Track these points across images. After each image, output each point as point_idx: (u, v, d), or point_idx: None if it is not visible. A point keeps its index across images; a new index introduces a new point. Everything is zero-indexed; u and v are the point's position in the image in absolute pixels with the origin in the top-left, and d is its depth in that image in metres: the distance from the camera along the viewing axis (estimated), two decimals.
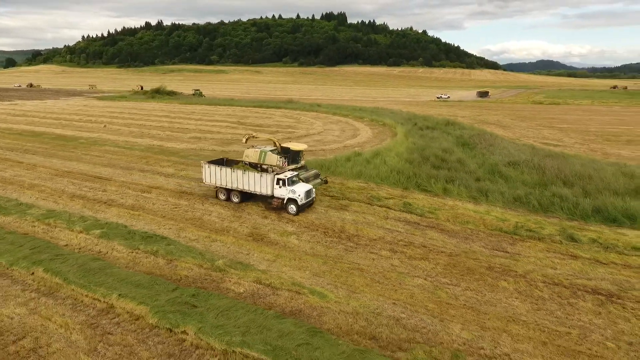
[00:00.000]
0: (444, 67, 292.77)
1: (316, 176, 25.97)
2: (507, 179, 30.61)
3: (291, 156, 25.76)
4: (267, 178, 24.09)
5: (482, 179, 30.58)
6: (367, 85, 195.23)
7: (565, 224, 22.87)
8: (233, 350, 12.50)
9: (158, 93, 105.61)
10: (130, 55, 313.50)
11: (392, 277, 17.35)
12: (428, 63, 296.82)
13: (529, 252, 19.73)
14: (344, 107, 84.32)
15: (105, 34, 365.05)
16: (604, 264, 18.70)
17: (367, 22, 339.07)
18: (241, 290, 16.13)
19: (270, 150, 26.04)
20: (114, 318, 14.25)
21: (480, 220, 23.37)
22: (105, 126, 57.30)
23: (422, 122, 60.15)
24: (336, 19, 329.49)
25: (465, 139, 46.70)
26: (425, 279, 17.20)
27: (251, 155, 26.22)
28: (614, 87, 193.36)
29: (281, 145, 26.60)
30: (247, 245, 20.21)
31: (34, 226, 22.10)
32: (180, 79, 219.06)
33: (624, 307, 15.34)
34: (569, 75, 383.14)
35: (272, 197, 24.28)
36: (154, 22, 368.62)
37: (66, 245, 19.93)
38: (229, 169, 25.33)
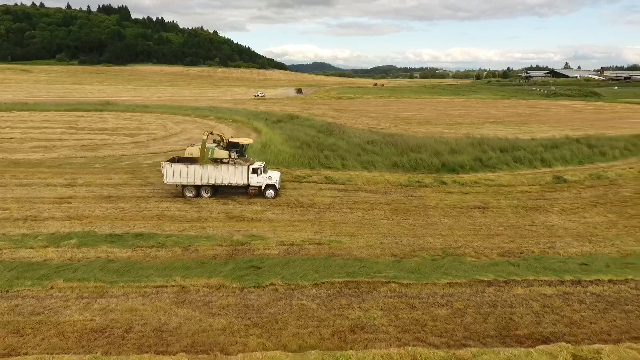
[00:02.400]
0: (240, 67, 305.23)
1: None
2: (376, 153, 40.29)
3: (241, 149, 28.11)
4: (243, 169, 26.15)
5: (360, 154, 39.35)
6: (171, 85, 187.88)
7: (431, 176, 33.40)
8: (322, 282, 16.35)
9: None
10: None
11: (366, 223, 23.40)
12: (224, 63, 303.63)
13: (427, 195, 28.94)
14: (178, 107, 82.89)
15: None
16: (467, 193, 29.46)
17: (154, 19, 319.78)
18: (276, 252, 19.30)
19: (216, 146, 27.70)
20: (197, 293, 15.63)
21: (384, 181, 31.64)
22: None
23: (270, 117, 66.50)
24: (118, 13, 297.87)
25: (318, 127, 55.58)
26: (387, 220, 23.95)
27: (195, 152, 27.27)
28: (375, 84, 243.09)
29: (229, 140, 28.45)
30: (238, 225, 22.61)
31: None
32: None
33: (492, 212, 25.74)
34: (340, 75, 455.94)
35: (248, 186, 26.50)
36: None
37: (45, 260, 18.04)
38: (197, 166, 25.94)
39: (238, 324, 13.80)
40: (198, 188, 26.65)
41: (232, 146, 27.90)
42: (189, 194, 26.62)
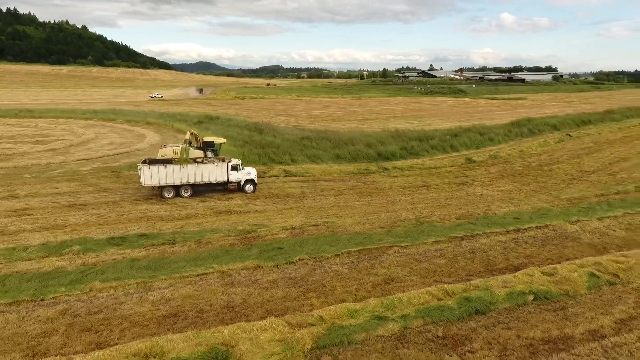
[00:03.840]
0: (120, 66, 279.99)
1: None
2: (315, 148, 43.66)
3: (215, 148, 28.71)
4: (223, 166, 26.87)
5: (303, 149, 42.33)
6: (42, 87, 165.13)
7: (374, 164, 38.11)
8: (340, 252, 19.19)
9: None
10: None
11: (343, 206, 26.69)
12: (99, 62, 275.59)
13: (377, 179, 33.40)
14: (72, 111, 75.58)
15: None
16: (407, 176, 34.75)
17: (4, 10, 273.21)
18: (284, 235, 21.42)
19: (189, 146, 27.92)
20: (239, 275, 17.14)
21: (338, 171, 35.28)
22: None
23: (187, 119, 65.06)
24: None
25: (247, 127, 56.75)
26: (358, 202, 27.57)
27: (169, 153, 27.23)
28: (268, 84, 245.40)
29: (203, 139, 28.72)
30: (232, 218, 23.92)
31: None
32: None
33: (435, 189, 31.19)
34: (229, 75, 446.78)
35: (228, 182, 27.33)
36: None
37: (57, 268, 17.41)
38: (177, 166, 25.81)
39: (294, 292, 15.97)
40: (177, 188, 26.83)
41: (207, 145, 28.55)
42: (167, 195, 26.62)
